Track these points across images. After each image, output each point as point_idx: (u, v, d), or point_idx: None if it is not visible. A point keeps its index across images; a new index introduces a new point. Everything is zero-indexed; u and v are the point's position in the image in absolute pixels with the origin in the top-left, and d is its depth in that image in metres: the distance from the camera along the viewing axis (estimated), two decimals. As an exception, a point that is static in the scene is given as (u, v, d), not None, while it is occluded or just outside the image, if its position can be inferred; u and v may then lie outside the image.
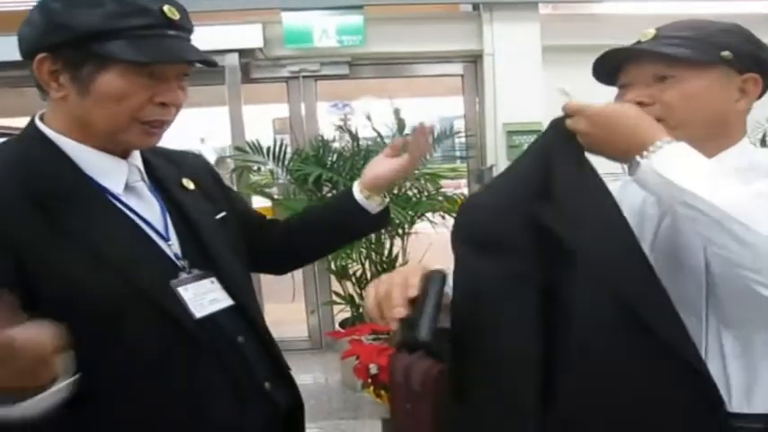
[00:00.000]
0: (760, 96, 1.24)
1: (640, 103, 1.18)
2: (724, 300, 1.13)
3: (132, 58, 1.05)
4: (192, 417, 1.12)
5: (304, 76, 4.60)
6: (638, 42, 1.23)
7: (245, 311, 1.25)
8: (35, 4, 1.10)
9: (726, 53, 1.17)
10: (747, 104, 1.22)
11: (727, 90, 1.20)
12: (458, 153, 4.90)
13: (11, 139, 1.19)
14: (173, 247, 1.18)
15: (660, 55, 1.18)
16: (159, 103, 1.11)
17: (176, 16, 1.10)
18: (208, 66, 1.15)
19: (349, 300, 4.30)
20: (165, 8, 1.08)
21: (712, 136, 1.20)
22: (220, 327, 1.18)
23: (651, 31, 1.22)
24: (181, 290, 1.15)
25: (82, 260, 1.04)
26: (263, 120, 6.13)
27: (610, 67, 1.26)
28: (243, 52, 4.36)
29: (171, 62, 1.10)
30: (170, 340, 1.11)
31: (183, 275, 1.17)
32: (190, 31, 1.14)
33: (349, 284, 4.29)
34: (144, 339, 1.09)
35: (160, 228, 1.18)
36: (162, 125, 1.15)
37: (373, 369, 3.13)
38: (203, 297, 1.17)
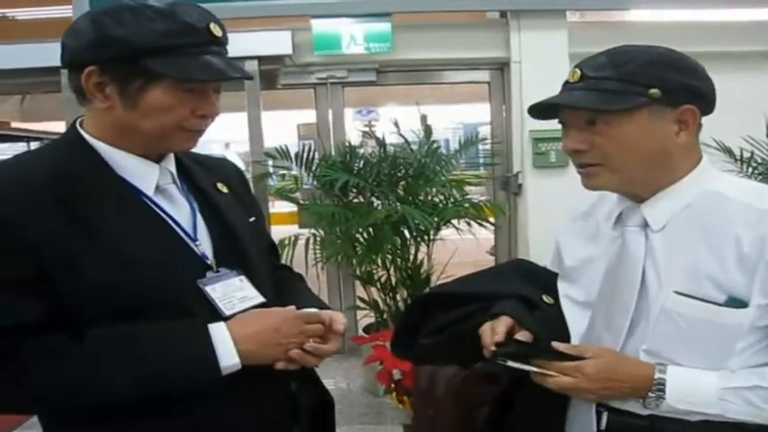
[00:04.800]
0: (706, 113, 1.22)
1: (577, 151, 1.21)
2: (655, 334, 1.19)
3: (184, 77, 1.09)
4: (212, 412, 1.15)
5: (332, 83, 4.64)
6: (567, 83, 1.22)
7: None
8: (81, 14, 1.13)
9: (654, 91, 1.13)
10: (690, 135, 1.19)
11: (662, 127, 1.17)
12: (483, 159, 4.89)
13: (50, 143, 1.24)
14: (200, 247, 1.21)
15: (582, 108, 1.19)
16: (200, 116, 1.16)
17: (220, 34, 1.14)
18: (245, 79, 1.20)
19: (373, 305, 4.30)
20: (211, 26, 1.12)
21: (657, 172, 1.21)
22: None
23: (577, 72, 1.20)
24: (209, 289, 1.18)
25: (106, 257, 1.08)
26: (289, 125, 6.18)
27: (546, 109, 1.27)
28: (272, 59, 4.39)
29: (219, 80, 1.15)
30: None
31: (211, 274, 1.20)
32: (227, 43, 1.19)
33: (374, 290, 4.29)
34: None
35: (188, 228, 1.22)
36: (201, 132, 1.21)
37: (396, 374, 3.13)
38: (233, 295, 1.21)
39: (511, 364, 1.18)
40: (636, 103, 1.14)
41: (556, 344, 1.20)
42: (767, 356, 1.16)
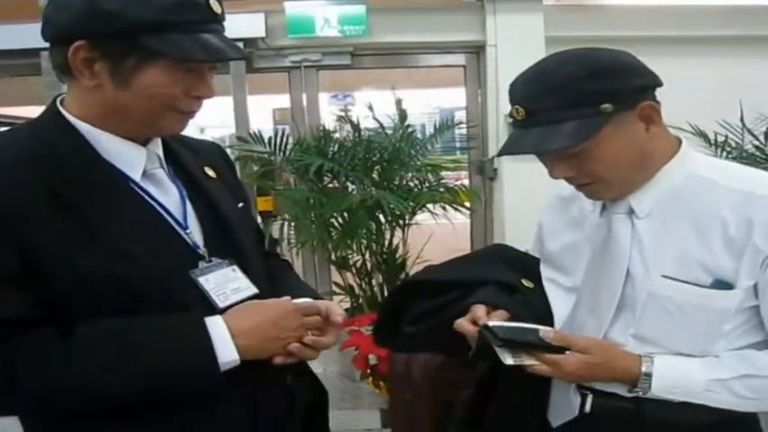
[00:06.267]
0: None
1: (569, 178, 1.21)
2: (644, 319, 1.19)
3: (185, 57, 1.02)
4: (209, 408, 1.11)
5: (306, 66, 4.58)
6: (515, 121, 1.19)
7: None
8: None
9: (605, 106, 1.11)
10: (658, 126, 1.18)
11: (631, 131, 1.16)
12: (459, 144, 4.88)
13: (25, 124, 1.14)
14: (191, 236, 1.16)
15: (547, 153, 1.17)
16: (194, 96, 1.10)
17: (219, 10, 1.07)
18: (242, 60, 1.14)
19: (349, 290, 4.29)
20: (211, 1, 1.06)
21: (645, 169, 1.21)
22: None
23: (520, 110, 1.16)
24: (201, 280, 1.13)
25: (98, 249, 1.02)
26: (263, 110, 6.11)
27: None
28: (245, 42, 4.30)
29: (220, 61, 1.09)
30: None
31: (203, 264, 1.15)
32: (224, 21, 1.12)
33: (349, 275, 4.28)
34: None
35: (179, 216, 1.16)
36: (192, 114, 1.14)
37: (372, 359, 3.14)
38: (225, 286, 1.16)
39: (497, 350, 1.17)
40: (596, 126, 1.12)
41: (544, 332, 1.19)
42: (753, 337, 1.18)
